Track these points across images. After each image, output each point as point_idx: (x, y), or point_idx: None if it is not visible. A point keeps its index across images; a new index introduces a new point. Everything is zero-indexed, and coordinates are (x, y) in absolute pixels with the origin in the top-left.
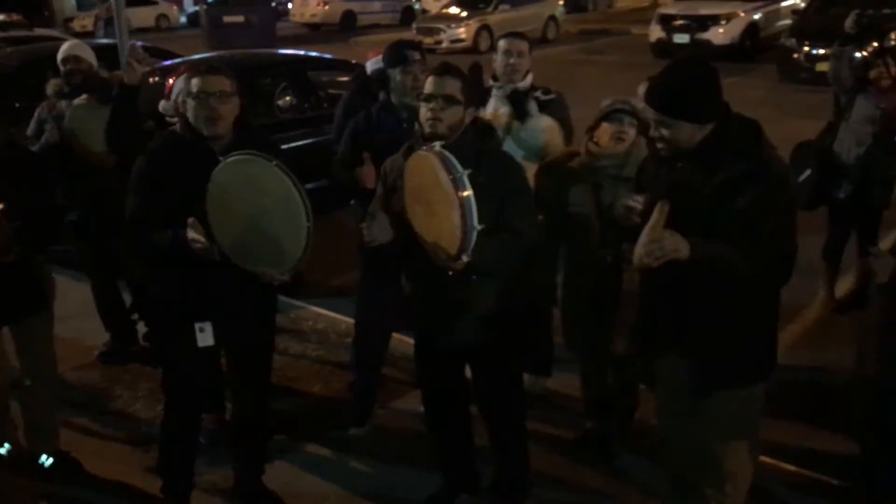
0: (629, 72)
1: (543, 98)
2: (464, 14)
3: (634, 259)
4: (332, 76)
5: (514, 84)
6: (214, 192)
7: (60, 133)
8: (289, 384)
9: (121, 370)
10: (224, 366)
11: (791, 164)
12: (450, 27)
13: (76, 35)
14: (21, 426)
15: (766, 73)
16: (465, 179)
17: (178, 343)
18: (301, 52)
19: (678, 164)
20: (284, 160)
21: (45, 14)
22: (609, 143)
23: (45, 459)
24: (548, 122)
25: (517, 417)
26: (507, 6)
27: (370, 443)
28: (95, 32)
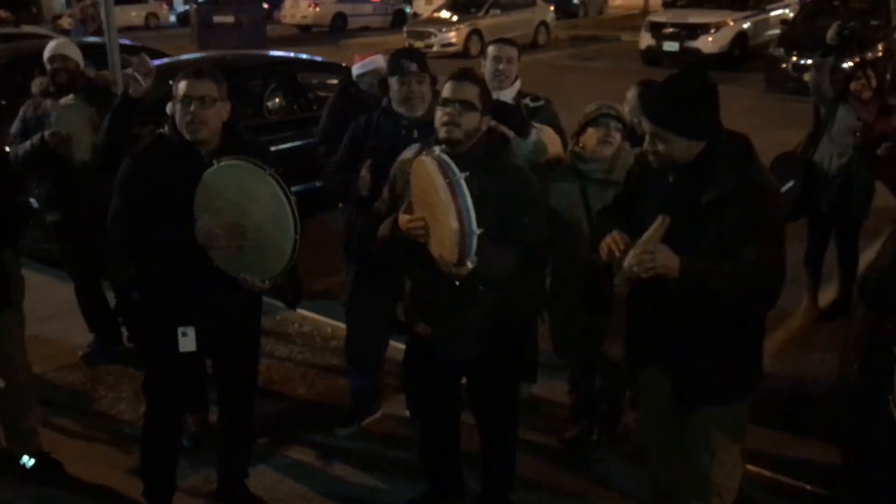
0: (618, 78)
1: (532, 105)
2: (455, 18)
3: (624, 267)
4: (322, 78)
5: (501, 90)
6: (202, 196)
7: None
8: (273, 387)
9: (104, 371)
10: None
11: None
12: (440, 31)
13: (64, 33)
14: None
15: (754, 82)
16: (462, 183)
17: (161, 346)
18: (291, 54)
19: (669, 179)
20: (273, 162)
21: (34, 11)
22: (596, 148)
23: (28, 460)
24: (543, 129)
25: (511, 427)
26: (498, 11)
27: (354, 447)
28: (72, 32)
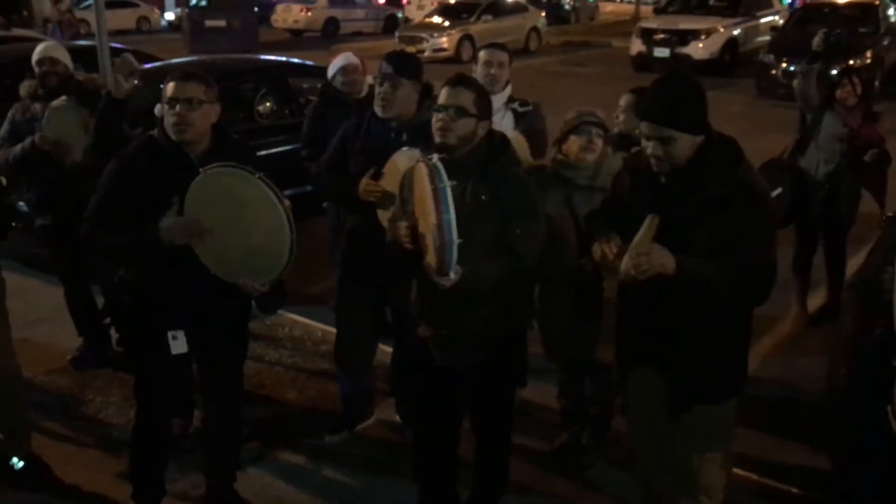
0: (609, 84)
1: (520, 110)
2: (446, 24)
3: (621, 271)
4: (313, 83)
5: (492, 94)
6: (193, 205)
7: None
8: (263, 391)
9: (93, 375)
10: (195, 371)
11: None
12: (432, 36)
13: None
14: None
15: (745, 88)
16: (447, 192)
17: (151, 350)
18: (282, 59)
19: (661, 180)
20: (264, 166)
21: (25, 14)
22: (579, 156)
23: (17, 462)
24: (513, 136)
25: (506, 432)
26: (490, 17)
27: (344, 451)
28: (51, 36)
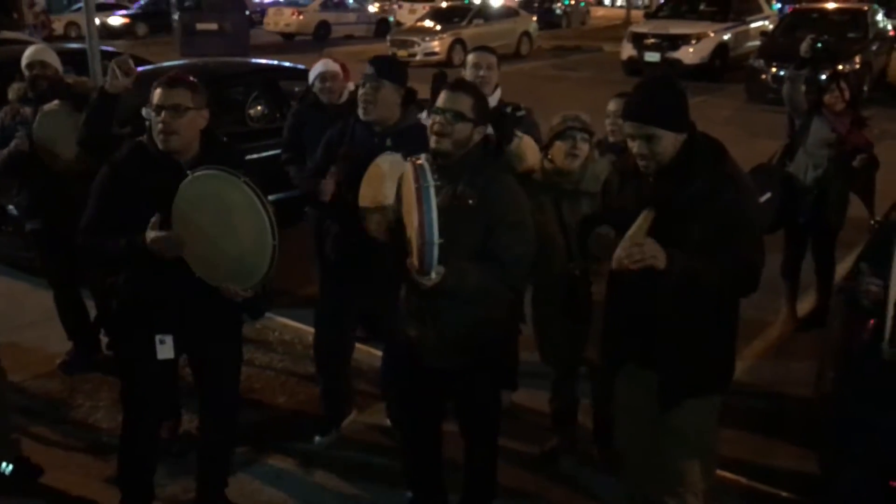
0: (600, 88)
1: (517, 115)
2: (438, 28)
3: (613, 260)
4: (303, 87)
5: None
6: (180, 207)
7: (29, 140)
8: (254, 395)
9: (82, 379)
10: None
11: None
12: (424, 40)
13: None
14: None
15: (734, 93)
16: (431, 191)
17: (138, 354)
18: (273, 62)
19: (649, 179)
20: (255, 170)
21: (14, 17)
22: (564, 162)
23: (5, 467)
24: (523, 138)
25: (492, 435)
26: (482, 21)
27: (334, 455)
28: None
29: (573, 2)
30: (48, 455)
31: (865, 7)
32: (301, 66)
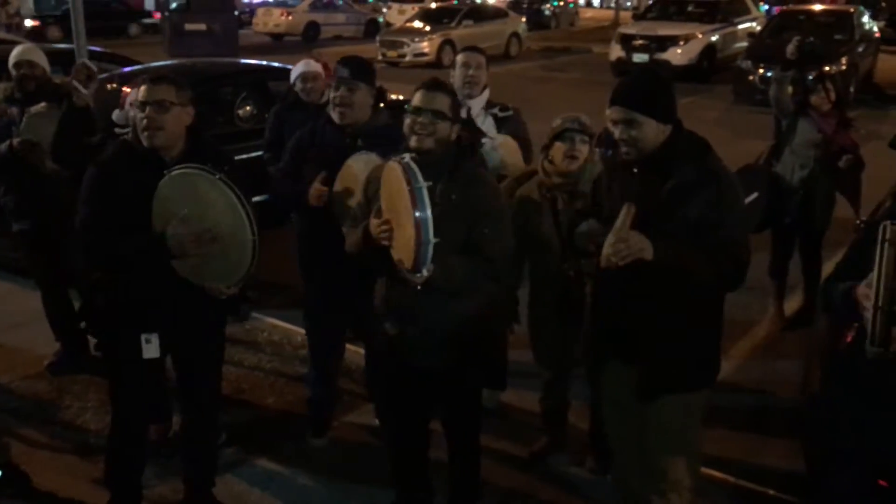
0: (589, 89)
1: (501, 115)
2: (427, 28)
3: (602, 258)
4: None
5: (471, 98)
6: (159, 206)
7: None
8: (242, 396)
9: (70, 380)
10: (174, 376)
11: None
12: (413, 41)
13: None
14: None
15: (722, 94)
16: (424, 192)
17: (124, 353)
18: (262, 63)
19: (633, 171)
20: (244, 169)
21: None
22: (563, 163)
23: None
24: (503, 140)
25: (475, 434)
26: (471, 22)
27: (322, 456)
28: None
29: (562, 3)
30: (35, 456)
31: (852, 9)
32: (290, 67)
